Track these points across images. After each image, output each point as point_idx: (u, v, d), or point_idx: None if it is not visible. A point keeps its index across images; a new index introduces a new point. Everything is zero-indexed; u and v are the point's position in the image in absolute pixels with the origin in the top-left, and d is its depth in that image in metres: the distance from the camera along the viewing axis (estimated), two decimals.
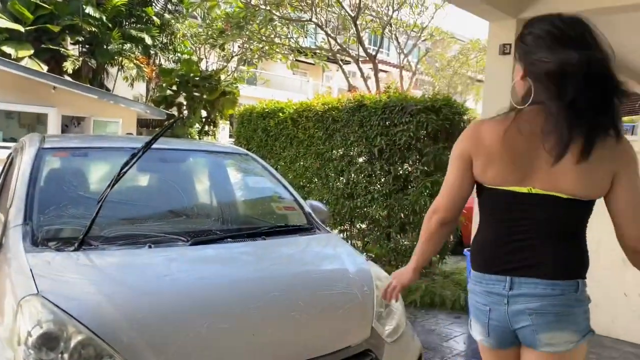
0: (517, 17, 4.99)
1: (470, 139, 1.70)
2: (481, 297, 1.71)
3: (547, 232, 1.64)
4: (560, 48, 1.56)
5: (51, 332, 1.68)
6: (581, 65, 1.51)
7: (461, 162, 1.71)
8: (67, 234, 2.34)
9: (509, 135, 1.61)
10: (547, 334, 1.62)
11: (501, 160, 1.61)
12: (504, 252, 1.67)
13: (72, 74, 15.32)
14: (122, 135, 11.38)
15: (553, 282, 1.63)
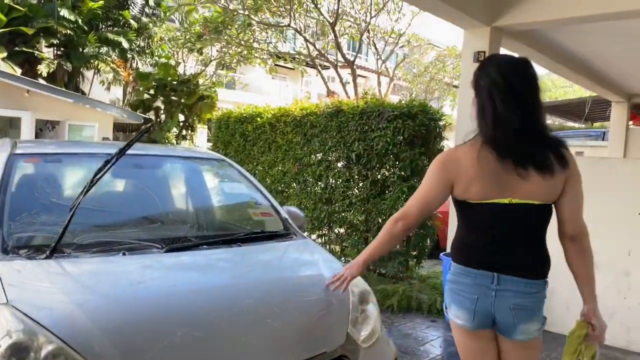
0: (490, 25, 5.09)
1: (450, 166, 1.95)
2: (470, 288, 1.97)
3: (524, 236, 1.97)
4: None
5: (21, 342, 1.65)
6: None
7: (441, 184, 1.97)
8: (38, 241, 2.30)
9: (482, 157, 1.87)
10: (524, 325, 1.97)
11: (482, 180, 1.88)
12: (489, 252, 1.96)
13: (47, 77, 15.06)
14: (97, 141, 11.23)
15: (534, 281, 1.97)
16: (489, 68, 1.93)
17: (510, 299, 1.93)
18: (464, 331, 2.05)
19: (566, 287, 4.74)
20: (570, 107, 14.74)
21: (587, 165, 4.73)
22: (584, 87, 9.40)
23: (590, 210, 4.65)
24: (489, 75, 1.90)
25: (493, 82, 1.88)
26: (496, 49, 5.26)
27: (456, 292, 2.02)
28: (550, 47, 6.31)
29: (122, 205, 2.87)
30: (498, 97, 1.85)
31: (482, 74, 1.93)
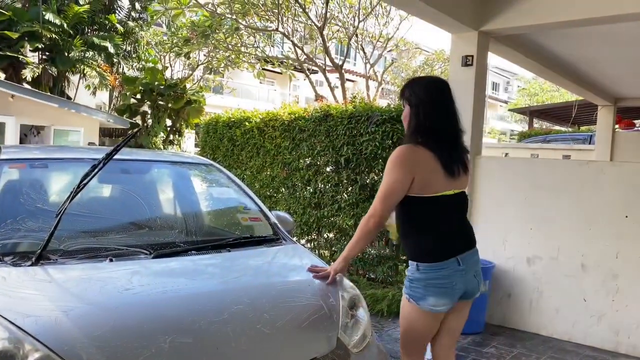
0: (478, 29, 5.12)
1: (413, 162, 2.30)
2: (447, 278, 2.35)
3: (463, 217, 2.52)
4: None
5: (7, 351, 1.62)
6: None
7: (405, 179, 2.28)
8: (24, 248, 2.27)
9: (433, 158, 2.31)
10: (481, 283, 2.54)
11: (438, 175, 2.31)
12: (449, 240, 2.40)
13: (32, 82, 14.91)
14: (83, 146, 11.12)
15: (475, 247, 2.52)
16: (427, 87, 2.45)
17: (472, 268, 2.43)
18: (436, 315, 2.42)
19: (555, 291, 4.79)
20: (557, 110, 14.91)
21: (574, 168, 4.79)
22: (571, 91, 9.50)
23: (578, 212, 4.70)
24: (429, 93, 2.41)
25: (436, 98, 2.40)
26: (484, 53, 5.29)
27: (435, 286, 2.34)
28: (537, 51, 6.37)
29: (109, 211, 2.83)
30: (437, 112, 2.38)
31: (426, 92, 2.41)
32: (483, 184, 5.17)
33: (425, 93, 2.40)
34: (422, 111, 2.35)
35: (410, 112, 2.38)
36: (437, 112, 2.38)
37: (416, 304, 2.37)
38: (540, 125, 23.52)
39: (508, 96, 45.99)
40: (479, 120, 5.30)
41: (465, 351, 4.33)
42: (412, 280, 2.38)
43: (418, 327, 2.44)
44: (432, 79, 2.69)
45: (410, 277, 2.40)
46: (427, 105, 2.36)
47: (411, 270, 2.40)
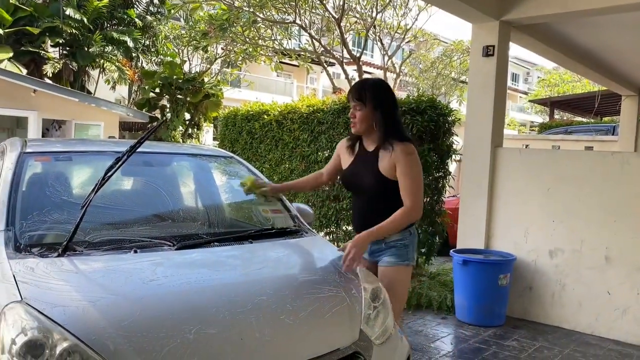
0: (499, 19, 5.04)
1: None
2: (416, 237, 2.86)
3: None
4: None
5: (36, 340, 1.65)
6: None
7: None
8: (50, 239, 2.30)
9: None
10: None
11: None
12: None
13: (53, 77, 15.12)
14: (105, 139, 11.26)
15: None
16: (385, 89, 2.78)
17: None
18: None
19: (578, 284, 4.73)
20: (579, 101, 14.65)
21: (598, 159, 4.71)
22: (594, 81, 9.33)
23: (602, 204, 4.63)
24: (389, 94, 2.76)
25: (393, 99, 2.75)
26: (505, 43, 5.22)
27: (415, 242, 2.80)
28: (560, 40, 6.26)
29: (133, 203, 2.86)
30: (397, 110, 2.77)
31: (385, 92, 2.75)
32: (504, 176, 5.11)
33: (389, 94, 2.78)
34: (393, 111, 2.73)
35: (377, 113, 2.69)
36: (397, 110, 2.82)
37: (412, 264, 2.80)
38: (561, 116, 23.16)
39: (528, 87, 45.35)
40: (500, 112, 5.24)
41: (486, 344, 4.30)
42: (407, 245, 2.74)
43: (407, 287, 2.90)
44: (383, 81, 3.01)
45: (405, 243, 2.73)
46: (393, 106, 2.75)
47: (403, 237, 2.72)
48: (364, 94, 2.70)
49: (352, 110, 2.75)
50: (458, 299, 4.92)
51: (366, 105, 2.69)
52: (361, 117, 2.70)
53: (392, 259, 2.71)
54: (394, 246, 2.72)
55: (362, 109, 2.70)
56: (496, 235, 5.15)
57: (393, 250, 2.73)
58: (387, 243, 2.73)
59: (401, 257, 2.72)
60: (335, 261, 2.58)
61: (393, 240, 2.72)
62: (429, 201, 5.55)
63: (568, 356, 4.10)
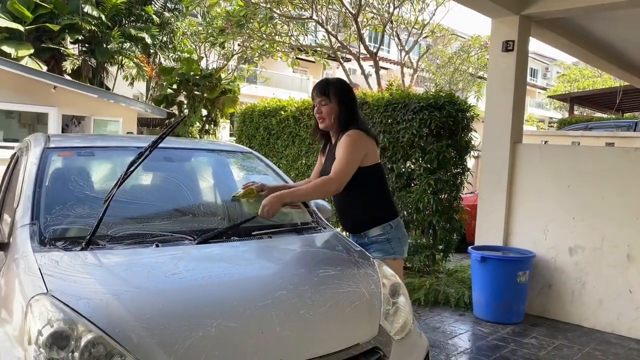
0: (520, 13, 4.99)
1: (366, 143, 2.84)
2: (403, 227, 2.94)
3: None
4: None
5: (62, 331, 1.68)
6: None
7: (360, 157, 2.83)
8: (74, 233, 2.33)
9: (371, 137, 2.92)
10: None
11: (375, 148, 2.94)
12: (391, 197, 3.08)
13: (72, 73, 15.31)
14: (125, 135, 11.37)
15: None
16: (346, 86, 2.98)
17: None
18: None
19: (599, 282, 4.67)
20: (600, 97, 14.42)
21: (620, 156, 4.64)
22: (616, 76, 9.18)
23: (623, 201, 4.56)
24: (350, 90, 2.96)
25: (353, 96, 2.94)
26: (525, 38, 5.15)
27: (403, 236, 2.89)
28: (581, 35, 6.16)
29: (154, 198, 2.89)
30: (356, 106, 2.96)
31: (346, 89, 2.94)
32: (523, 172, 5.06)
33: (350, 91, 2.97)
34: (353, 106, 2.92)
35: (341, 106, 2.84)
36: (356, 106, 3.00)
37: (401, 258, 2.89)
38: (581, 112, 22.83)
39: (546, 83, 44.75)
40: (519, 107, 5.19)
41: (505, 341, 4.28)
42: (390, 240, 2.82)
43: (402, 275, 2.89)
44: (344, 81, 3.18)
45: (387, 237, 2.81)
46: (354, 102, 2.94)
47: (384, 231, 2.81)
48: (328, 89, 2.86)
49: (318, 107, 2.87)
50: (476, 296, 4.89)
51: (331, 100, 2.83)
52: (328, 111, 2.84)
53: (377, 254, 2.78)
54: (376, 241, 2.82)
55: (328, 103, 2.84)
56: (515, 232, 5.11)
57: (376, 246, 2.82)
58: (370, 238, 2.84)
59: (385, 252, 2.81)
60: (354, 256, 2.58)
61: (375, 236, 2.82)
62: (446, 197, 5.52)
63: (588, 355, 4.05)
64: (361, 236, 2.87)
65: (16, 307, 1.89)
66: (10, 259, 2.17)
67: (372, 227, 2.83)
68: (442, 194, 5.46)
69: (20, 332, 1.76)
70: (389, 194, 3.00)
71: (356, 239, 2.89)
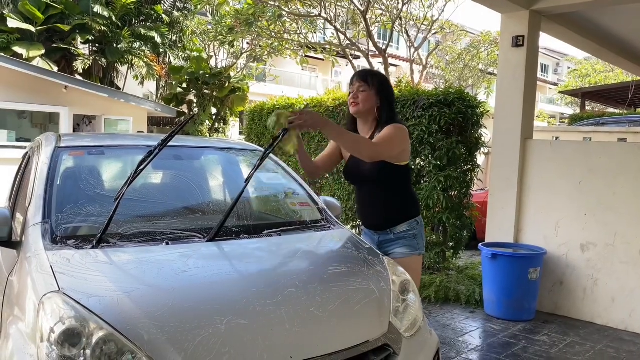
0: (530, 8, 4.95)
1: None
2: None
3: None
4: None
5: (73, 329, 1.69)
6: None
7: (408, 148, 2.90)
8: (85, 231, 2.35)
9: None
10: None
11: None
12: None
13: (83, 73, 15.41)
14: (135, 134, 11.43)
15: None
16: (388, 81, 2.88)
17: None
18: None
19: (611, 279, 4.63)
20: (612, 92, 14.27)
21: (633, 151, 4.58)
22: (628, 70, 9.07)
23: (636, 197, 4.51)
24: (391, 86, 2.87)
25: (393, 92, 2.87)
26: (535, 33, 5.11)
27: (423, 232, 2.88)
28: (591, 29, 6.10)
29: (164, 196, 2.90)
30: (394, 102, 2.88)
31: (388, 83, 2.86)
32: (534, 169, 5.03)
33: (391, 87, 2.88)
34: (392, 101, 2.84)
35: (380, 98, 2.77)
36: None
37: (422, 253, 2.89)
38: (593, 107, 22.61)
39: (557, 78, 44.36)
40: (530, 103, 5.15)
41: (516, 338, 4.26)
42: (416, 235, 2.81)
43: (419, 274, 2.94)
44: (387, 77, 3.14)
45: (413, 233, 2.80)
46: (393, 97, 2.86)
47: (411, 227, 2.80)
48: (370, 77, 2.80)
49: (355, 91, 2.78)
50: (487, 293, 4.87)
51: (371, 88, 2.76)
52: (365, 97, 2.76)
53: (404, 249, 2.79)
54: (404, 237, 2.80)
55: (367, 90, 2.77)
56: (526, 228, 5.08)
57: (403, 242, 2.80)
58: (396, 234, 2.81)
59: (412, 247, 2.81)
60: (364, 253, 2.58)
61: (402, 232, 2.80)
62: (456, 194, 5.50)
63: (600, 352, 4.02)
64: (386, 232, 2.83)
65: (29, 304, 1.91)
66: (22, 257, 2.20)
67: (401, 223, 2.80)
68: (452, 191, 5.44)
69: (33, 329, 1.78)
70: (415, 193, 3.01)
71: (379, 235, 2.86)
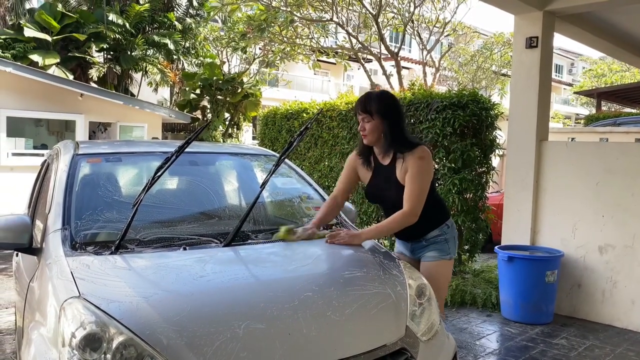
0: (543, 9, 4.92)
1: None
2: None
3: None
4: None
5: (94, 333, 1.71)
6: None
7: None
8: (103, 238, 2.39)
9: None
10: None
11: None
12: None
13: (98, 81, 15.60)
14: (150, 140, 11.53)
15: None
16: (389, 99, 2.80)
17: None
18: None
19: (631, 281, 4.56)
20: (629, 92, 14.09)
21: None
22: None
23: None
24: (393, 103, 2.80)
25: (398, 109, 2.80)
26: (549, 34, 5.08)
27: (456, 234, 2.90)
28: (607, 29, 6.04)
29: (180, 202, 2.93)
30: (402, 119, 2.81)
31: (389, 102, 2.78)
32: (550, 170, 4.99)
33: (394, 104, 2.82)
34: (398, 120, 2.78)
35: (385, 122, 2.73)
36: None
37: (453, 257, 2.87)
38: (609, 107, 22.34)
39: (572, 78, 43.91)
40: (544, 104, 5.11)
41: (534, 342, 4.21)
42: (448, 240, 2.82)
43: (448, 279, 2.99)
44: (387, 92, 2.96)
45: (445, 238, 2.81)
46: (399, 115, 2.81)
47: (441, 232, 2.80)
48: (369, 105, 2.75)
49: (362, 123, 2.77)
50: (503, 296, 4.83)
51: (373, 117, 2.73)
52: (371, 128, 2.74)
53: (435, 253, 2.81)
54: (435, 242, 2.82)
55: (370, 120, 2.74)
56: (542, 231, 5.03)
57: (434, 246, 2.82)
58: (427, 240, 2.82)
59: (443, 252, 2.82)
60: (380, 257, 2.58)
61: (433, 237, 2.81)
62: (472, 197, 5.47)
63: (621, 355, 3.97)
64: (419, 240, 2.85)
65: (50, 310, 1.94)
66: (43, 264, 2.23)
67: (431, 231, 2.81)
68: (467, 194, 5.40)
69: (54, 334, 1.81)
70: (441, 197, 3.04)
71: (411, 243, 2.88)
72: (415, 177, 2.65)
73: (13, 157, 10.48)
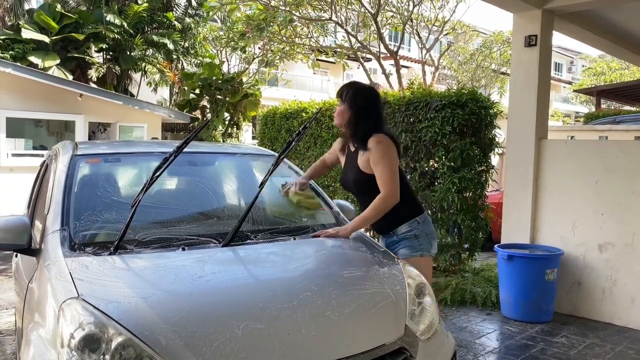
0: (542, 7, 4.91)
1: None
2: (431, 223, 2.94)
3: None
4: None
5: (93, 334, 1.71)
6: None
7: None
8: (102, 238, 2.39)
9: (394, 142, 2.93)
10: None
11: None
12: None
13: (97, 81, 15.59)
14: (150, 140, 11.53)
15: None
16: (365, 96, 2.89)
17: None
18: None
19: (630, 279, 4.57)
20: (628, 90, 14.10)
21: None
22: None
23: None
24: (368, 101, 2.88)
25: (369, 108, 2.87)
26: (548, 32, 5.08)
27: (431, 232, 2.90)
28: (607, 27, 6.04)
29: (179, 202, 2.93)
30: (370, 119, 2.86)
31: (363, 98, 2.88)
32: (549, 169, 4.99)
33: (369, 102, 2.91)
34: (365, 117, 2.85)
35: (350, 113, 2.85)
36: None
37: (429, 255, 2.88)
38: (608, 105, 22.34)
39: (572, 77, 43.89)
40: (544, 103, 5.11)
41: (534, 340, 4.22)
42: (418, 236, 2.83)
43: (430, 274, 2.95)
44: (369, 89, 3.03)
45: (414, 234, 2.82)
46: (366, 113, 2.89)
47: (411, 227, 2.82)
48: (345, 92, 2.89)
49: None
50: (503, 295, 4.83)
51: (343, 102, 2.88)
52: (338, 112, 2.90)
53: (405, 250, 2.83)
54: (404, 237, 2.84)
55: (341, 104, 2.90)
56: (542, 229, 5.03)
57: (404, 242, 2.84)
58: (398, 235, 2.86)
59: (413, 248, 2.83)
60: (379, 257, 2.58)
61: (402, 232, 2.85)
62: (471, 195, 5.47)
63: (621, 353, 3.97)
64: (390, 235, 2.89)
65: (49, 311, 1.94)
66: (41, 265, 2.23)
67: (400, 225, 2.84)
68: (467, 192, 5.40)
69: (53, 335, 1.81)
70: (412, 192, 3.02)
71: (386, 238, 2.92)
72: (379, 161, 2.73)
73: (13, 158, 10.50)
